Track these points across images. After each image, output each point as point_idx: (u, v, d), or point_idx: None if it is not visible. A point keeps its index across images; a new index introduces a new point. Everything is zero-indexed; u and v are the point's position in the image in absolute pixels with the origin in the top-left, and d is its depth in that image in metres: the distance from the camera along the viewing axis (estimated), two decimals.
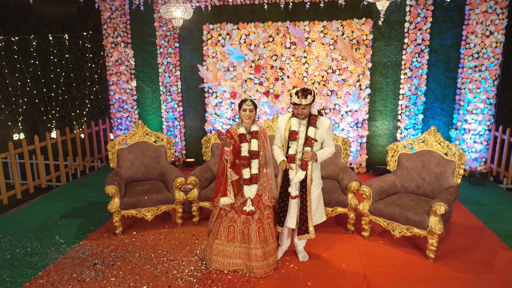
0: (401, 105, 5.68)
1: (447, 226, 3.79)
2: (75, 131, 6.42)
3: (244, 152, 3.03)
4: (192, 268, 3.20)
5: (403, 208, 3.43)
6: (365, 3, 5.21)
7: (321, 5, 5.38)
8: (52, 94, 8.06)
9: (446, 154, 3.69)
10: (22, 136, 8.41)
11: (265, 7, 5.52)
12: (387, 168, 4.04)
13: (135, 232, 3.90)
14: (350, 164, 5.90)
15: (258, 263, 3.06)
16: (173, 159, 4.45)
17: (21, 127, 8.40)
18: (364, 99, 5.71)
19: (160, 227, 4.02)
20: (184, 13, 4.83)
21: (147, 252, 3.47)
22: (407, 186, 3.86)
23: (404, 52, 5.52)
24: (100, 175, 6.13)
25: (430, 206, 3.23)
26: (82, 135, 6.68)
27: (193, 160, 6.29)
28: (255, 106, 3.09)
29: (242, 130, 3.07)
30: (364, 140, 5.84)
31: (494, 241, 3.67)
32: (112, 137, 7.09)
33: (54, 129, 8.15)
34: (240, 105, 3.07)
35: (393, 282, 2.99)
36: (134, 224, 4.10)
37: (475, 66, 5.39)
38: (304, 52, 5.70)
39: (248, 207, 3.02)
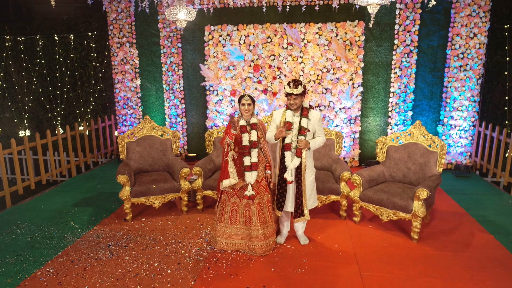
0: (391, 102, 6.03)
1: (430, 212, 4.16)
2: (82, 127, 6.71)
3: (245, 142, 3.36)
4: (198, 248, 3.52)
5: (390, 195, 3.77)
6: (357, 6, 5.55)
7: (316, 8, 5.71)
8: (57, 92, 8.32)
9: (429, 146, 4.04)
10: (28, 132, 8.67)
11: (264, 9, 5.84)
12: (377, 159, 4.38)
13: (144, 219, 4.21)
14: (344, 158, 6.24)
15: (258, 243, 3.38)
16: (178, 152, 4.77)
17: (26, 124, 8.67)
18: (356, 96, 6.05)
19: (167, 214, 4.33)
20: (187, 15, 5.14)
21: (156, 236, 3.79)
22: (394, 175, 4.20)
23: (394, 52, 5.87)
24: (106, 169, 6.44)
25: (414, 192, 3.57)
26: (87, 131, 6.95)
27: (194, 155, 6.60)
28: (253, 101, 3.42)
29: (242, 122, 3.40)
30: (357, 135, 6.18)
31: (473, 225, 4.02)
32: (116, 133, 7.39)
33: (59, 126, 8.42)
34: (239, 100, 3.40)
35: (380, 259, 3.33)
36: (142, 211, 4.41)
37: (460, 66, 5.75)
38: (300, 52, 6.04)
39: (249, 191, 3.35)
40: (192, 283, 2.97)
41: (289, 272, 3.13)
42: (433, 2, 3.78)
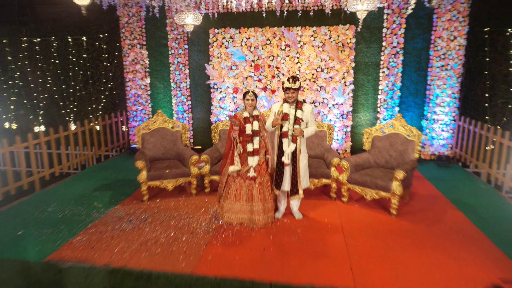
0: (380, 99, 6.60)
1: (409, 193, 4.73)
2: (97, 122, 7.26)
3: (248, 131, 3.93)
4: (207, 222, 4.09)
5: (373, 177, 4.35)
6: (348, 12, 6.12)
7: (311, 13, 6.27)
8: (70, 91, 8.88)
9: (408, 135, 4.62)
10: (43, 128, 9.23)
11: (264, 14, 6.40)
12: (363, 148, 4.96)
13: (158, 200, 4.78)
14: (337, 150, 6.81)
15: (259, 217, 3.96)
16: (187, 142, 5.34)
17: (41, 120, 9.23)
18: (348, 94, 6.62)
19: (178, 197, 4.90)
20: (195, 19, 5.71)
21: (170, 213, 4.36)
22: (378, 161, 4.78)
23: (382, 53, 6.44)
24: (118, 161, 7.00)
25: (393, 174, 4.15)
26: (97, 127, 7.49)
27: (200, 147, 7.17)
28: (256, 96, 3.99)
29: (246, 114, 3.97)
30: (349, 129, 6.75)
31: (447, 204, 4.60)
32: (124, 128, 7.96)
33: (71, 122, 8.98)
34: (244, 96, 3.97)
35: (363, 231, 3.90)
36: (157, 194, 4.98)
37: (442, 66, 6.33)
38: (297, 53, 6.61)
39: (251, 173, 3.93)
40: (204, 247, 3.54)
41: (285, 240, 3.70)
42: (410, 10, 4.35)
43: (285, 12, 6.36)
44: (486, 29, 7.15)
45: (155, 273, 3.17)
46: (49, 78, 8.88)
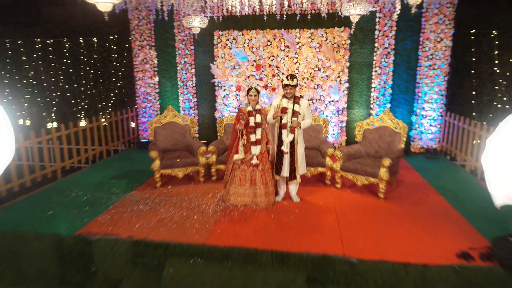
0: (372, 96, 7.11)
1: (397, 180, 5.24)
2: (108, 118, 7.75)
3: (251, 123, 4.44)
4: (215, 205, 4.60)
5: (363, 165, 4.86)
6: (342, 16, 6.61)
7: (308, 17, 6.77)
8: (81, 89, 9.38)
9: (395, 128, 5.13)
10: (55, 124, 9.73)
11: (264, 17, 6.89)
12: (355, 140, 5.47)
13: (170, 186, 5.29)
14: (333, 143, 7.31)
15: (261, 199, 4.47)
16: (195, 135, 5.84)
17: (54, 117, 9.74)
18: (343, 91, 7.13)
19: (188, 184, 5.41)
20: (201, 23, 6.22)
21: (181, 197, 4.87)
22: (368, 152, 5.29)
23: (374, 54, 6.94)
24: (128, 154, 7.49)
25: (380, 162, 4.66)
26: (105, 123, 7.92)
27: (205, 141, 7.67)
28: (258, 92, 4.50)
29: (249, 108, 4.48)
30: (344, 124, 7.26)
31: (430, 190, 5.11)
32: (133, 125, 8.46)
33: (82, 118, 9.48)
34: (248, 92, 4.48)
35: (353, 211, 4.41)
36: (168, 182, 5.47)
37: (430, 65, 6.83)
38: (295, 53, 7.11)
39: (254, 161, 4.43)
40: (213, 224, 4.05)
41: (284, 218, 4.21)
42: (396, 15, 4.85)
43: (285, 16, 6.85)
44: (472, 31, 7.66)
45: (172, 244, 3.66)
46: (61, 77, 9.38)
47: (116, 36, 8.89)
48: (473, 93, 7.76)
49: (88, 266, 3.84)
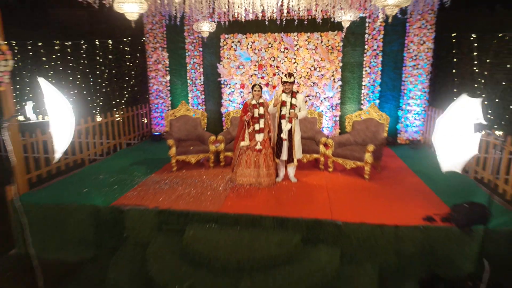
0: (363, 93, 7.89)
1: (381, 165, 6.02)
2: (122, 114, 8.54)
3: (256, 114, 5.23)
4: (225, 184, 5.38)
5: (352, 151, 5.65)
6: (335, 21, 7.40)
7: (305, 22, 7.55)
8: (97, 87, 10.18)
9: (380, 119, 5.92)
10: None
11: (266, 22, 7.67)
12: (346, 130, 6.26)
13: (184, 170, 6.07)
14: (327, 136, 8.08)
15: (264, 179, 5.26)
16: (205, 127, 6.64)
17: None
18: (337, 89, 7.92)
19: (200, 168, 6.19)
20: (210, 27, 7.02)
21: (195, 178, 5.65)
22: (357, 140, 6.08)
23: (364, 55, 7.73)
24: (142, 146, 8.22)
25: (365, 148, 5.45)
26: (119, 118, 8.67)
27: None
28: (261, 88, 5.28)
29: (254, 102, 5.26)
30: (337, 118, 8.05)
31: (409, 173, 5.90)
32: (145, 120, 9.24)
33: (97, 114, 10.28)
34: (252, 88, 5.27)
35: (342, 190, 5.20)
36: (182, 167, 6.25)
37: (414, 65, 7.62)
38: (294, 55, 7.90)
39: (258, 146, 5.22)
40: (224, 198, 4.85)
41: (283, 195, 5.00)
42: (379, 22, 5.63)
43: (284, 21, 7.62)
44: (453, 35, 8.48)
45: (191, 212, 4.48)
46: (78, 76, 10.17)
47: (129, 38, 9.69)
48: (455, 90, 8.57)
49: (121, 232, 4.69)
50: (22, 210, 3.71)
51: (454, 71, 8.60)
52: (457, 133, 3.12)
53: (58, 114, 3.26)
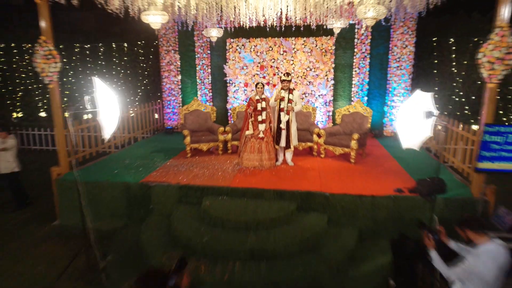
0: (353, 91, 8.89)
1: (366, 151, 7.02)
2: (135, 110, 9.52)
3: (259, 108, 6.23)
4: (233, 167, 6.38)
5: (340, 139, 6.65)
6: (328, 28, 8.39)
7: (302, 28, 8.56)
8: (112, 86, 11.17)
9: (364, 113, 6.93)
10: (90, 116, 11.50)
11: (267, 28, 8.67)
12: (336, 123, 7.26)
13: (197, 157, 7.07)
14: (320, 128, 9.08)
15: (266, 162, 6.26)
16: (215, 120, 7.64)
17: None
18: (330, 87, 8.91)
19: (210, 155, 7.19)
20: (218, 33, 8.02)
21: (207, 163, 6.64)
22: (345, 131, 7.08)
23: (354, 57, 8.73)
24: (158, 137, 9.22)
25: (352, 136, 6.46)
26: (133, 114, 9.64)
27: None
28: (263, 86, 6.28)
29: (257, 97, 6.26)
30: (330, 113, 9.04)
31: (390, 158, 6.89)
32: (156, 116, 10.23)
33: None
34: (256, 85, 6.26)
35: (331, 171, 6.20)
36: (195, 154, 7.24)
37: (398, 66, 8.62)
38: (291, 57, 8.90)
39: (261, 135, 6.22)
40: (232, 177, 5.85)
41: (282, 174, 6.00)
42: (363, 28, 6.63)
43: (283, 27, 8.62)
44: (434, 39, 9.48)
45: (206, 187, 5.48)
46: (96, 76, 11.15)
47: (143, 42, 10.69)
48: (436, 88, 9.58)
49: (148, 205, 5.68)
50: (79, 181, 4.64)
51: (435, 71, 9.62)
52: (413, 119, 4.10)
53: (107, 106, 4.28)
